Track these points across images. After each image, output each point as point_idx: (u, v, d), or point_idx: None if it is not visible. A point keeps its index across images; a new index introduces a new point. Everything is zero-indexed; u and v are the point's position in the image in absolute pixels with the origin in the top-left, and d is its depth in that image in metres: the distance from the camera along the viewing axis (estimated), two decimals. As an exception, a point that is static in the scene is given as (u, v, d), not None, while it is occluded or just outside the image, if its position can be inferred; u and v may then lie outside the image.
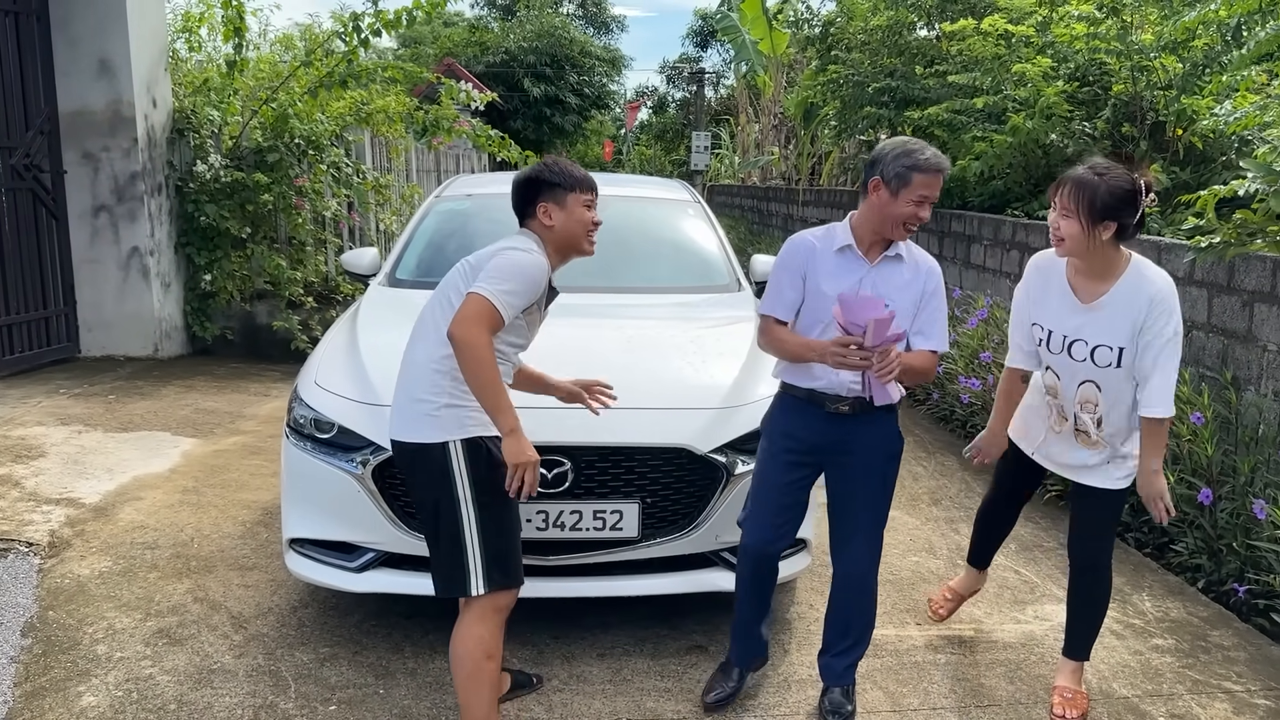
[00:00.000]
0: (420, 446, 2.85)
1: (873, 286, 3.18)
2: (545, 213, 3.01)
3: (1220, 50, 6.83)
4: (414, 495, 3.00)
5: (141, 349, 8.72)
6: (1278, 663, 3.86)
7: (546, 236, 3.02)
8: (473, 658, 2.89)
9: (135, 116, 8.40)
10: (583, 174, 3.07)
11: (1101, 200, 3.05)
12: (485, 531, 2.85)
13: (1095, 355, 3.22)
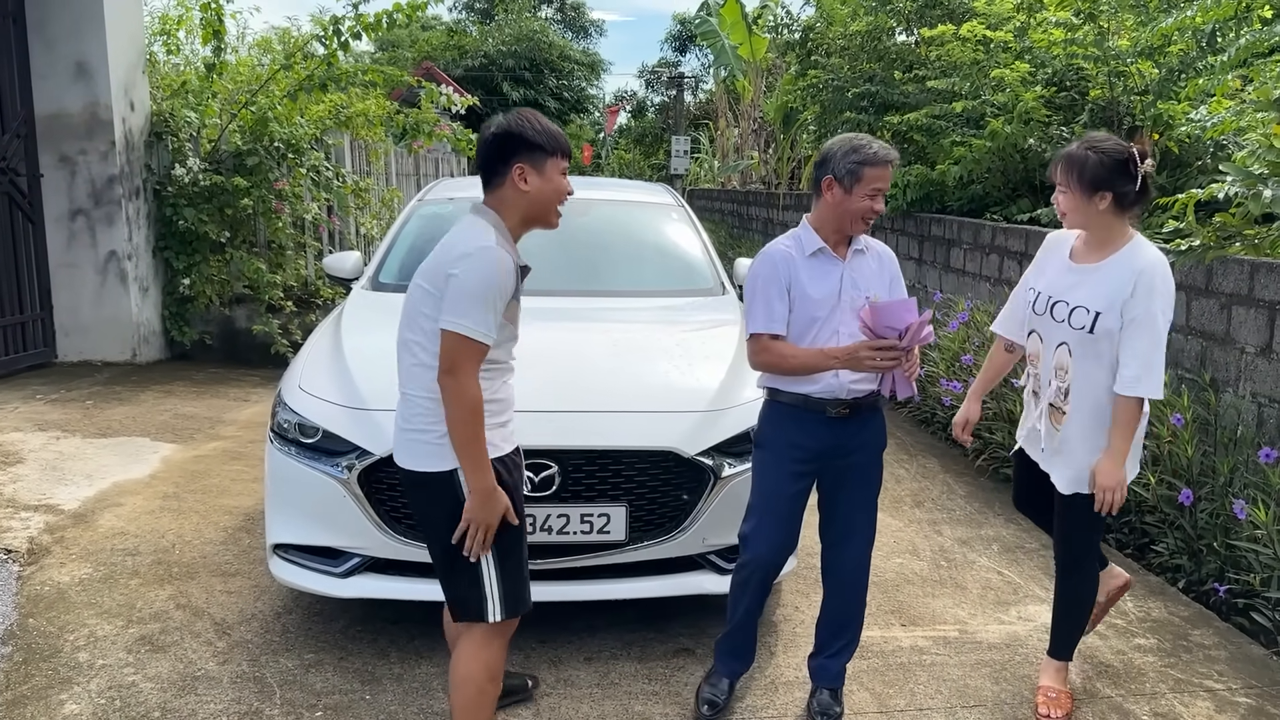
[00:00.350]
0: (428, 475, 2.71)
1: (851, 280, 3.22)
2: (521, 175, 2.71)
3: (1195, 56, 6.90)
4: (422, 521, 2.84)
5: (119, 354, 8.64)
6: (1258, 661, 3.90)
7: (515, 203, 2.74)
8: (476, 681, 2.78)
9: (113, 119, 8.33)
10: (563, 136, 2.81)
11: (1091, 172, 3.13)
12: (501, 558, 2.73)
13: (1072, 317, 3.25)
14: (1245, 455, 4.48)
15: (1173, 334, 5.26)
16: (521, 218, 2.77)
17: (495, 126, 2.74)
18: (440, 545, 2.75)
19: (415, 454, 2.72)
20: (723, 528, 3.73)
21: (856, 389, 3.21)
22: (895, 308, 3.04)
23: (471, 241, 2.63)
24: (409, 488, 2.81)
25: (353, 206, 10.03)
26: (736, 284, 5.29)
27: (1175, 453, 4.67)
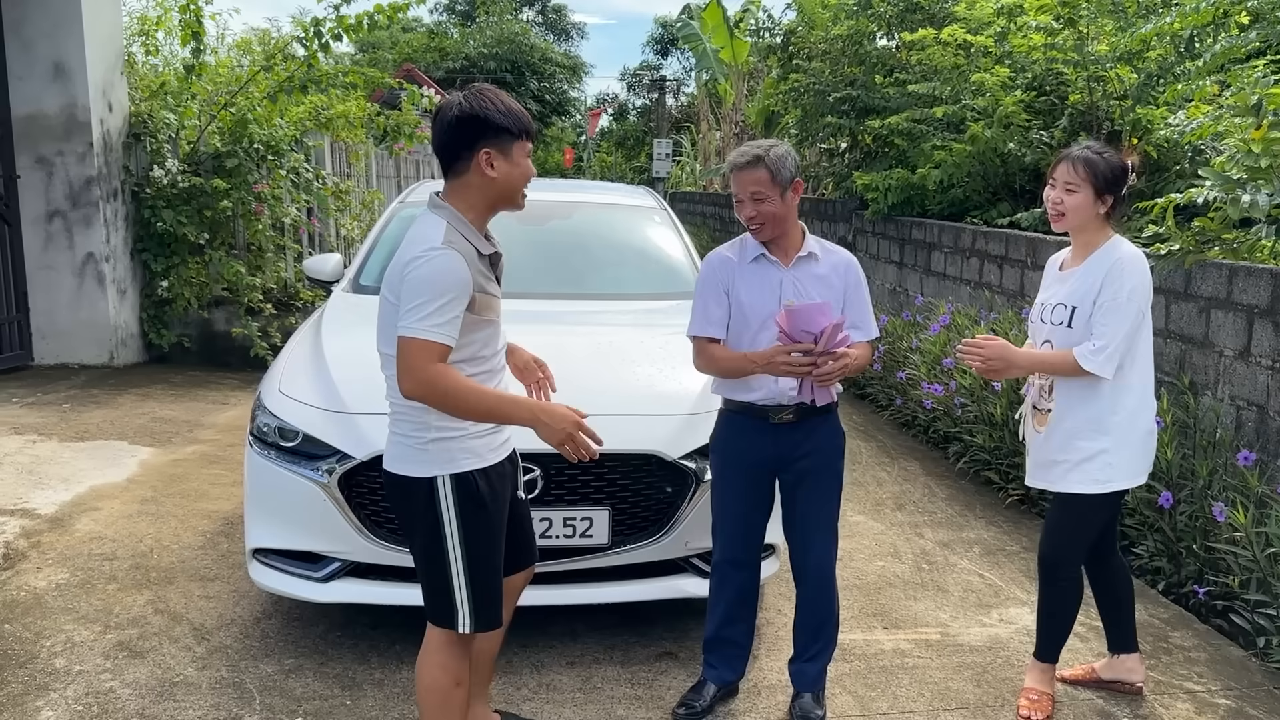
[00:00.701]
0: (408, 480, 2.66)
1: (793, 287, 3.23)
2: (488, 161, 2.57)
3: (1174, 61, 6.96)
4: (401, 525, 2.82)
5: (96, 357, 8.57)
6: (1236, 663, 3.92)
7: (482, 190, 2.62)
8: (440, 686, 2.74)
9: (90, 120, 8.27)
10: (526, 115, 2.67)
11: (1104, 174, 3.24)
12: (472, 569, 2.67)
13: (1053, 314, 3.35)
14: (1224, 458, 4.51)
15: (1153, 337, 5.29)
16: (488, 204, 2.66)
17: (456, 108, 2.57)
18: (418, 549, 2.73)
19: (397, 457, 2.70)
20: (705, 531, 3.70)
21: (793, 393, 3.21)
22: (809, 311, 3.04)
23: (420, 244, 2.54)
24: (389, 489, 2.78)
25: (333, 208, 9.99)
26: None
27: (1155, 456, 4.68)
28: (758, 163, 3.14)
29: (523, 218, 5.66)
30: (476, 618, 2.70)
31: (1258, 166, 4.20)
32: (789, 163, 3.18)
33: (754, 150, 3.18)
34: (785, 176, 3.17)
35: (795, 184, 3.20)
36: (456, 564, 2.66)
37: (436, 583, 2.70)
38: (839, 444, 3.38)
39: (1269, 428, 4.47)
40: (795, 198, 3.22)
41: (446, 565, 2.67)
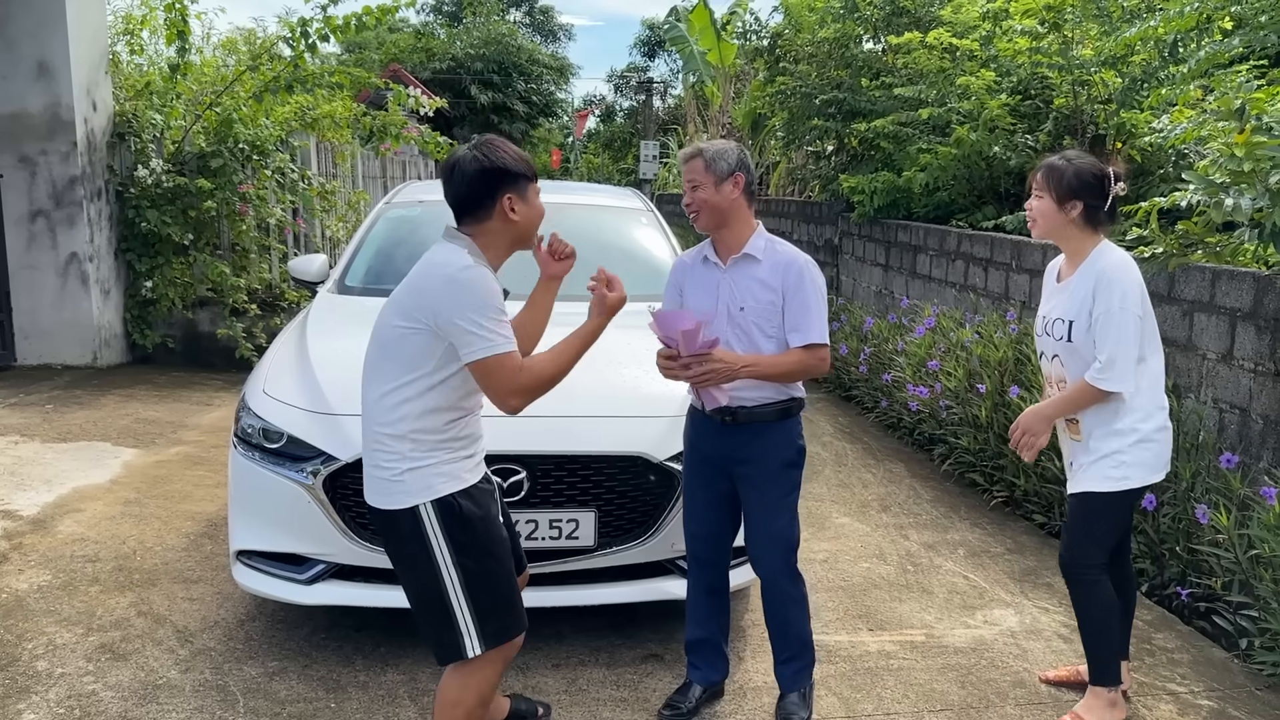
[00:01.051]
0: (391, 513, 2.66)
1: (730, 288, 3.27)
2: (510, 205, 2.70)
3: (1158, 66, 7.00)
4: (395, 561, 2.78)
5: (80, 357, 8.52)
6: (1219, 664, 3.94)
7: (505, 232, 2.73)
8: (466, 706, 2.72)
9: (74, 120, 8.23)
10: (529, 157, 2.83)
11: (1068, 181, 3.28)
12: (472, 590, 2.67)
13: (1054, 329, 3.40)
14: (1207, 460, 4.54)
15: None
16: (508, 246, 2.79)
17: (474, 161, 2.68)
18: (414, 588, 2.73)
19: (380, 491, 2.68)
20: (691, 533, 3.73)
21: (739, 397, 3.23)
22: (667, 317, 3.12)
23: (452, 264, 2.60)
24: (376, 523, 2.78)
25: (318, 209, 9.95)
26: None
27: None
28: (696, 154, 3.26)
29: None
30: (483, 635, 2.69)
31: (1240, 170, 4.21)
32: (730, 158, 3.22)
33: (696, 145, 3.31)
34: (721, 168, 3.21)
35: (735, 177, 3.22)
36: (454, 587, 2.66)
37: (436, 612, 2.68)
38: (790, 455, 3.29)
39: (1251, 430, 4.50)
40: (734, 191, 3.23)
41: (443, 591, 2.66)
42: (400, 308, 2.66)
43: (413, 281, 2.68)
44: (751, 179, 3.30)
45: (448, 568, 2.65)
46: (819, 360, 3.24)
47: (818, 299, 3.24)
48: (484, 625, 2.68)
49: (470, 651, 2.68)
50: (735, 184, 3.24)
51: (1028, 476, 5.42)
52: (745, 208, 3.29)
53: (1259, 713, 3.57)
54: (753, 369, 3.16)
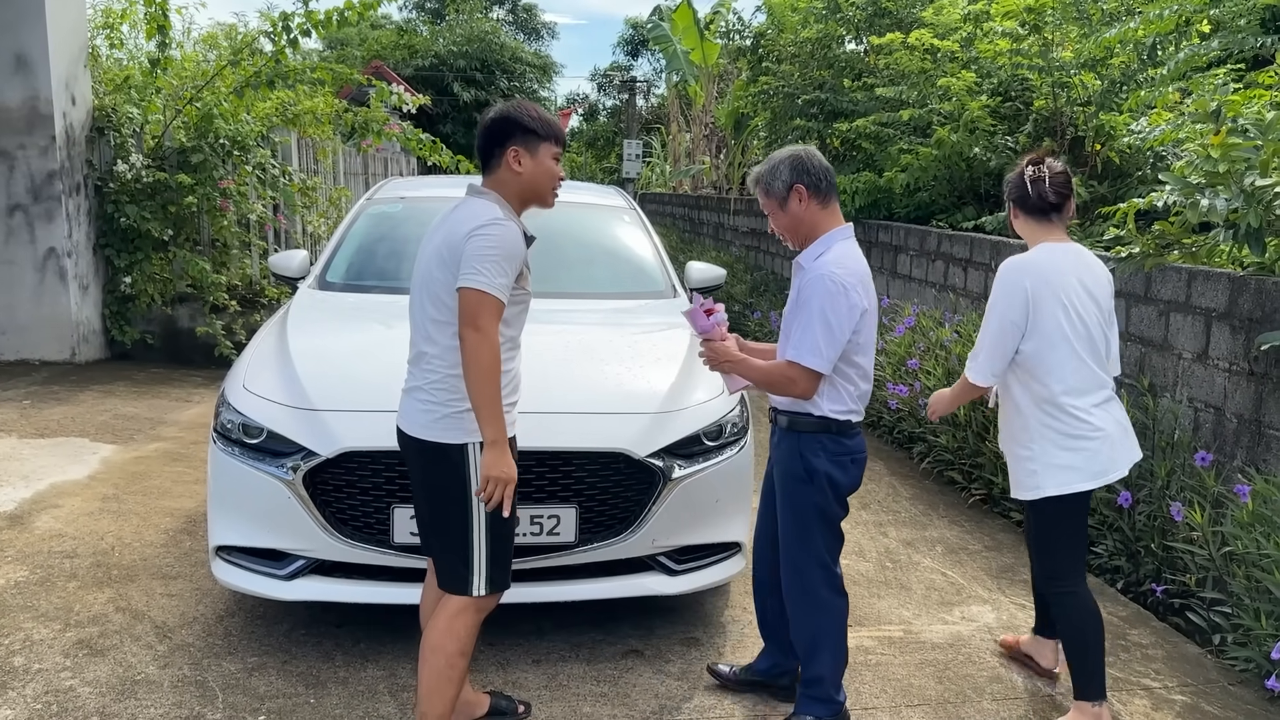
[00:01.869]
0: (438, 446, 2.83)
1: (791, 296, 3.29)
2: (515, 158, 2.89)
3: (1137, 69, 7.06)
4: (423, 490, 2.94)
5: (58, 353, 8.46)
6: (1193, 659, 3.99)
7: (511, 184, 2.92)
8: (446, 652, 2.87)
9: (53, 114, 8.17)
10: (557, 124, 2.97)
11: (1008, 192, 3.50)
12: (492, 535, 2.85)
13: None
14: (1182, 459, 4.59)
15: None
16: (518, 198, 2.94)
17: (493, 112, 2.93)
18: (436, 515, 2.90)
19: (432, 422, 2.83)
20: (673, 529, 3.74)
21: (773, 400, 3.32)
22: (690, 313, 3.30)
23: (482, 214, 2.81)
24: (414, 455, 2.92)
25: (299, 205, 9.91)
26: (688, 288, 5.31)
27: (1115, 456, 4.75)
28: (755, 183, 3.28)
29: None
30: (490, 580, 2.88)
31: (1216, 172, 4.26)
32: (782, 174, 3.17)
33: (755, 172, 3.28)
34: (778, 189, 3.19)
35: (795, 190, 3.16)
36: (479, 527, 2.84)
37: (456, 546, 2.86)
38: (794, 469, 3.23)
39: (1226, 429, 4.55)
40: (800, 204, 3.17)
41: (469, 528, 2.84)
42: (440, 259, 2.84)
43: (450, 232, 2.85)
44: (815, 180, 3.17)
45: (477, 508, 2.83)
46: (787, 379, 3.11)
47: (821, 320, 3.04)
48: (491, 570, 2.87)
49: (476, 590, 2.87)
50: (798, 197, 3.17)
51: (1005, 475, 5.45)
52: (820, 213, 3.20)
53: (1231, 707, 3.62)
54: (737, 366, 3.23)
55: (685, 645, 3.93)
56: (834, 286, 3.05)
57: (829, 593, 3.28)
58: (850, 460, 3.24)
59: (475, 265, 2.73)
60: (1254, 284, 4.37)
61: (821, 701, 3.29)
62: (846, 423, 3.21)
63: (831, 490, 3.21)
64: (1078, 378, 3.31)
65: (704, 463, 3.80)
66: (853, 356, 3.15)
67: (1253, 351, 4.34)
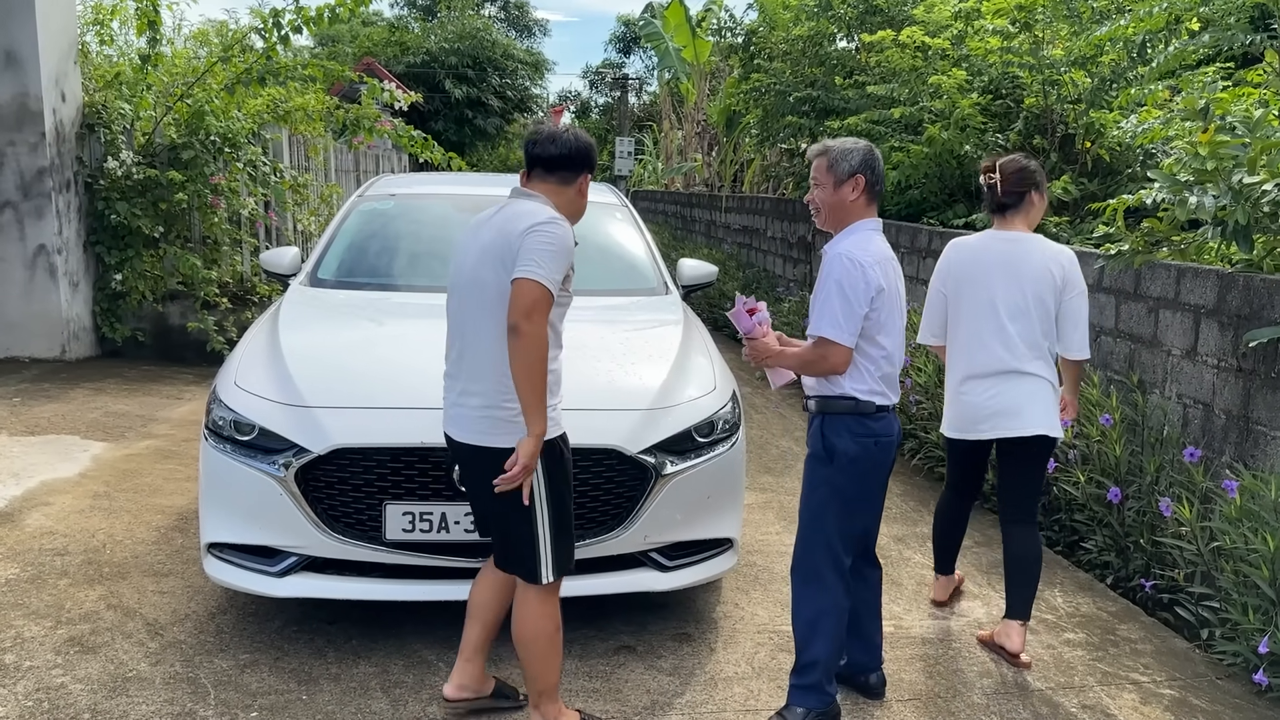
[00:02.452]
0: (498, 451, 2.91)
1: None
2: (585, 184, 3.16)
3: (1127, 66, 7.09)
4: (480, 492, 3.04)
5: (48, 350, 8.44)
6: (1181, 654, 4.01)
7: (573, 204, 3.12)
8: (546, 633, 3.06)
9: (43, 110, 8.14)
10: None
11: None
12: (556, 527, 3.01)
13: None
14: (1171, 454, 4.61)
15: (1102, 337, 5.40)
16: (566, 215, 3.07)
17: (585, 139, 3.14)
18: (500, 516, 3.02)
19: (490, 429, 2.95)
20: (664, 526, 3.75)
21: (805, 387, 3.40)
22: (735, 312, 3.39)
23: (540, 213, 2.94)
24: (470, 460, 3.04)
25: (291, 202, 9.90)
26: (680, 285, 5.32)
27: (1104, 452, 4.78)
28: (822, 153, 3.32)
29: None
30: (557, 567, 3.03)
31: (1204, 169, 4.29)
32: (854, 159, 3.25)
33: (825, 142, 3.35)
34: (842, 169, 3.24)
35: (855, 179, 3.23)
36: (543, 520, 2.98)
37: (523, 540, 3.00)
38: (816, 448, 3.31)
39: (1214, 425, 4.58)
40: (853, 194, 3.25)
41: (534, 522, 2.98)
42: (499, 256, 2.91)
43: (501, 229, 2.95)
44: (875, 180, 3.29)
45: (541, 503, 2.97)
46: (818, 355, 3.19)
47: (838, 294, 3.13)
48: (557, 557, 3.02)
49: (545, 578, 3.01)
50: (855, 186, 3.24)
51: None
52: (864, 209, 3.29)
53: (1219, 701, 3.64)
54: (776, 358, 3.33)
55: (677, 641, 3.94)
56: (850, 263, 3.16)
57: (834, 576, 3.31)
58: (874, 442, 3.26)
59: (534, 258, 2.83)
60: (1242, 281, 4.39)
61: (814, 692, 3.30)
62: (870, 403, 3.24)
63: (852, 469, 3.25)
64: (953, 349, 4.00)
65: (695, 459, 3.81)
66: (874, 336, 3.21)
67: (1241, 348, 4.37)
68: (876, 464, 3.30)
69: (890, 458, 3.35)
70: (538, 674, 3.09)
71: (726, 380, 4.21)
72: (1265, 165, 4.13)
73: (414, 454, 3.52)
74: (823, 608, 3.31)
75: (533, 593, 3.05)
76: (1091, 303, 5.49)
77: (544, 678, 3.09)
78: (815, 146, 3.37)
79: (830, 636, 3.30)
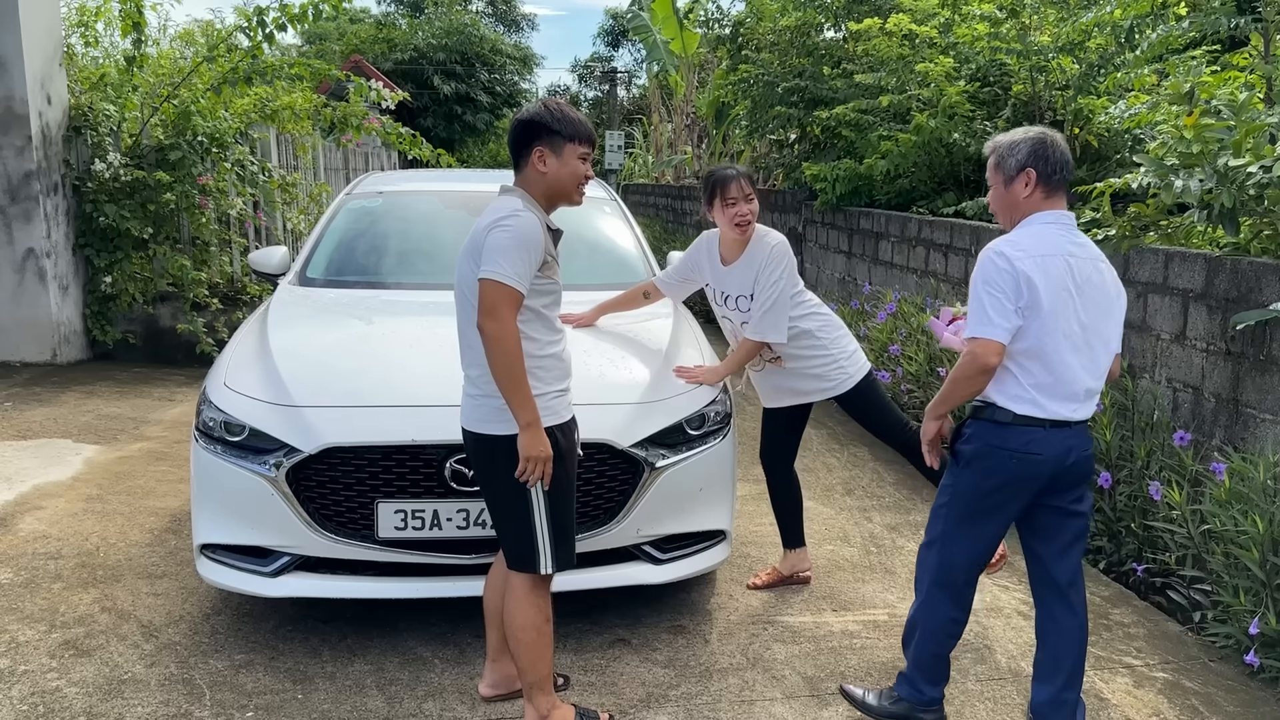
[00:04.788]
0: (495, 439, 2.97)
1: None
2: (540, 158, 3.02)
3: (1114, 52, 7.09)
4: (481, 479, 3.11)
5: (39, 354, 8.42)
6: (1173, 637, 4.03)
7: (537, 183, 3.04)
8: (535, 624, 3.06)
9: (29, 113, 8.11)
10: (584, 124, 3.07)
11: None
12: (553, 516, 3.01)
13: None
14: (1161, 439, 4.62)
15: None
16: (545, 197, 3.06)
17: (520, 113, 3.09)
18: (497, 502, 3.06)
19: (486, 418, 2.99)
20: (657, 519, 3.76)
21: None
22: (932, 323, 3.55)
23: (503, 209, 2.95)
24: (471, 447, 3.09)
25: (279, 202, 9.86)
26: None
27: (1095, 437, 4.79)
28: (991, 152, 3.11)
29: (472, 208, 5.65)
30: (556, 558, 3.03)
31: (1190, 152, 4.30)
32: (1020, 152, 3.00)
33: (994, 139, 3.13)
34: (1010, 165, 3.03)
35: (1025, 174, 3.00)
36: (539, 511, 2.99)
37: (521, 530, 3.01)
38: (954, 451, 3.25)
39: (1204, 409, 4.59)
40: (1026, 189, 3.01)
41: (530, 513, 2.99)
42: (474, 256, 2.95)
43: (475, 228, 3.00)
44: (1051, 169, 2.99)
45: (537, 495, 2.98)
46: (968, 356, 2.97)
47: (984, 289, 2.93)
48: (557, 549, 3.03)
49: (544, 568, 3.02)
50: (1027, 181, 3.00)
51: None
52: (1041, 203, 3.02)
53: (1212, 683, 3.66)
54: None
55: (672, 633, 3.95)
56: (995, 256, 2.94)
57: (937, 591, 3.21)
58: (1010, 455, 3.01)
59: (493, 257, 2.86)
60: (1230, 264, 4.40)
61: (907, 684, 3.33)
62: (1008, 411, 3.01)
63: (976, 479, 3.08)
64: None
65: (687, 452, 3.82)
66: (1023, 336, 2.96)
67: (1229, 331, 4.38)
68: (1009, 479, 3.03)
69: (1031, 474, 3.01)
70: (527, 665, 3.10)
71: (717, 373, 4.21)
72: (1250, 148, 4.14)
73: (405, 452, 3.52)
74: (915, 618, 3.30)
75: (523, 582, 3.06)
76: (1081, 288, 5.52)
77: (534, 669, 3.10)
78: (987, 144, 3.15)
79: (919, 647, 3.27)
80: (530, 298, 2.94)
